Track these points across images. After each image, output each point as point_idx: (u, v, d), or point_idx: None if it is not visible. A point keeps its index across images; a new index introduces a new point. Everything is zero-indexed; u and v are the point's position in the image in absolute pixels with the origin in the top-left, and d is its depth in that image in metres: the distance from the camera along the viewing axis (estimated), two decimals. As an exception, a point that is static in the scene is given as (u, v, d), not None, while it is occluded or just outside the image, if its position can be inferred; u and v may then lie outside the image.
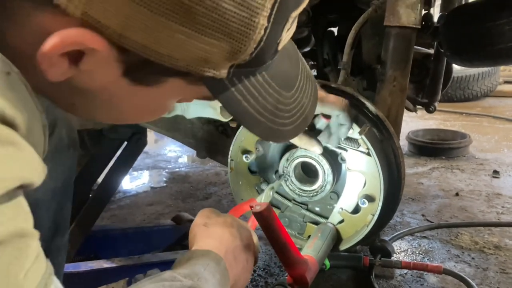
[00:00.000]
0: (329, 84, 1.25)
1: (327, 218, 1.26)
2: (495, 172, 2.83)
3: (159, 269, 1.47)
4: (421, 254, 1.85)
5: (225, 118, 1.20)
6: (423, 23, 1.65)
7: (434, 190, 2.59)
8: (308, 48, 2.21)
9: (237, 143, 1.29)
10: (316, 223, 1.30)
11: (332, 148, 1.20)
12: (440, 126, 4.18)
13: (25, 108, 0.45)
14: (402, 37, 1.34)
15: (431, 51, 1.97)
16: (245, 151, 1.29)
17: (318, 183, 1.22)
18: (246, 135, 1.27)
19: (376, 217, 1.17)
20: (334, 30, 2.11)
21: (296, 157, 1.23)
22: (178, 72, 0.54)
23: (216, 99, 0.59)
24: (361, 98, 1.24)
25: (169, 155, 3.41)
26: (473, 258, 1.80)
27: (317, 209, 1.32)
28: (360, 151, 1.17)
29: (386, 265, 1.58)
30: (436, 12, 1.97)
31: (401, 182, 1.26)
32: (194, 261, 0.74)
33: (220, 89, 0.58)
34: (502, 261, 1.77)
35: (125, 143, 1.84)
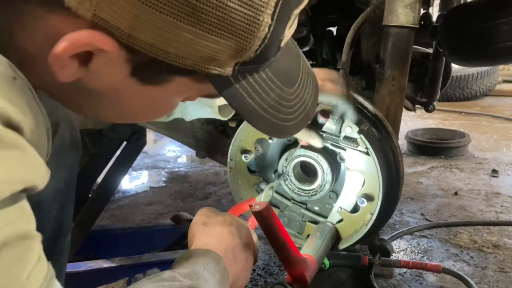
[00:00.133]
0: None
1: (326, 217, 1.27)
2: (494, 171, 2.83)
3: (158, 268, 1.47)
4: (420, 253, 1.85)
5: (224, 117, 1.20)
6: (422, 22, 1.66)
7: (433, 189, 2.59)
8: (307, 48, 2.21)
9: (236, 143, 1.29)
10: (315, 222, 1.30)
11: (331, 148, 1.20)
12: (439, 125, 4.17)
13: (30, 112, 0.45)
14: (401, 37, 1.34)
15: (430, 50, 1.98)
16: (244, 151, 1.29)
17: (317, 183, 1.23)
18: (245, 134, 1.27)
19: (375, 216, 1.17)
20: (333, 29, 2.12)
21: (295, 156, 1.23)
22: (184, 71, 0.55)
23: (221, 96, 0.60)
24: (360, 98, 1.24)
25: (169, 155, 3.41)
26: (472, 257, 1.80)
27: (316, 208, 1.32)
28: (359, 151, 1.17)
29: (385, 264, 1.59)
30: (435, 12, 1.97)
31: (400, 182, 1.26)
32: (194, 260, 0.74)
33: (225, 86, 0.59)
34: (500, 260, 1.78)
35: (124, 143, 1.84)
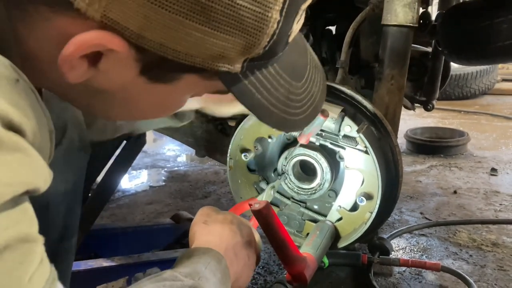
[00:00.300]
0: (327, 83, 1.25)
1: (325, 216, 1.27)
2: (493, 170, 2.83)
3: (158, 267, 1.47)
4: (419, 252, 1.86)
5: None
6: (421, 21, 1.66)
7: (432, 188, 2.59)
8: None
9: (236, 142, 1.29)
10: (315, 221, 1.30)
11: (330, 146, 1.20)
12: (438, 124, 4.18)
13: (33, 114, 0.46)
14: (400, 36, 1.34)
15: (429, 49, 1.98)
16: (244, 150, 1.29)
17: (317, 181, 1.23)
18: (245, 133, 1.28)
19: (374, 214, 1.17)
20: (332, 28, 2.12)
21: (294, 155, 1.23)
22: (194, 68, 0.55)
23: (230, 93, 0.60)
24: (359, 97, 1.24)
25: (168, 154, 3.41)
26: (471, 256, 1.81)
27: (315, 207, 1.32)
28: (358, 149, 1.17)
29: (384, 262, 1.59)
30: (433, 11, 1.98)
31: (399, 180, 1.26)
32: (195, 259, 0.74)
33: (234, 83, 0.59)
34: (499, 258, 1.78)
35: (124, 142, 1.84)
